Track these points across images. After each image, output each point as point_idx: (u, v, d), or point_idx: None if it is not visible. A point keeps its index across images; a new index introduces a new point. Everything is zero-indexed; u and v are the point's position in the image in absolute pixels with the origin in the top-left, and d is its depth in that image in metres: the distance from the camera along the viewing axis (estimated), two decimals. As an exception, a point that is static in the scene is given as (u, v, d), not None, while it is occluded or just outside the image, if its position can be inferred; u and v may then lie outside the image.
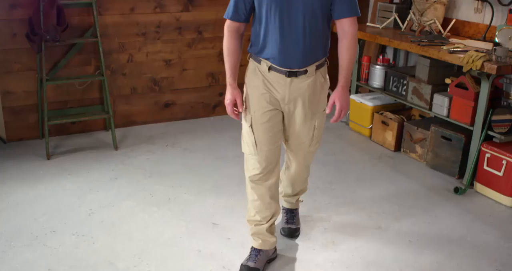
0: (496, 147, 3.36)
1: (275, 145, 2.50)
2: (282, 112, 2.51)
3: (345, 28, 2.35)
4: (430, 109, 3.83)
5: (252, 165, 2.53)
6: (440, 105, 3.73)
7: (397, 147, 4.10)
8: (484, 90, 3.39)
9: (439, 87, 3.79)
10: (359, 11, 2.37)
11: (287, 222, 2.95)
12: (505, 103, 3.42)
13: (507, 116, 3.34)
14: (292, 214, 2.97)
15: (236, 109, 2.44)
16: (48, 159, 3.84)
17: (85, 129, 4.34)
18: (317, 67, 2.42)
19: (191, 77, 4.55)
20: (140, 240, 2.89)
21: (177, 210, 3.19)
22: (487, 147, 3.40)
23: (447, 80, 3.68)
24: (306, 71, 2.38)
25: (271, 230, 2.64)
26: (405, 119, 4.11)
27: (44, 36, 3.66)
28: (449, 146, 3.66)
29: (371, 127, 4.30)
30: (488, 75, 3.34)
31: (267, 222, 2.61)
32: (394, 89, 4.16)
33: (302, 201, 3.04)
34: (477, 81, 3.51)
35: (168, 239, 2.90)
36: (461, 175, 3.64)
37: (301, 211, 3.09)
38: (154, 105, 4.53)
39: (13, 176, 3.58)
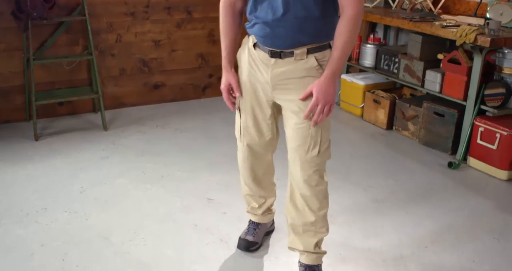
0: (489, 120, 3.36)
1: (260, 138, 2.26)
2: (277, 104, 2.20)
3: (344, 9, 1.92)
4: (422, 86, 3.83)
5: (238, 151, 2.40)
6: (433, 81, 3.72)
7: (389, 125, 4.09)
8: (477, 64, 3.39)
9: (431, 64, 3.79)
10: None
11: None
12: (497, 77, 3.42)
13: (500, 90, 3.34)
14: None
15: (233, 96, 2.21)
16: (36, 140, 3.76)
17: (73, 111, 4.27)
18: (310, 51, 2.01)
19: (181, 58, 4.49)
20: (135, 216, 2.84)
21: (171, 187, 3.15)
22: (480, 120, 3.40)
23: (440, 56, 3.67)
24: (292, 54, 2.02)
25: (266, 210, 2.57)
26: (397, 98, 4.10)
27: (31, 13, 3.58)
28: (442, 121, 3.66)
29: (362, 107, 4.28)
30: (481, 49, 3.34)
31: (260, 207, 2.54)
32: (386, 67, 4.15)
33: (325, 253, 2.33)
34: (470, 57, 3.51)
35: (163, 215, 2.86)
36: (454, 151, 3.64)
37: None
38: (144, 86, 4.46)
39: (1, 157, 3.50)
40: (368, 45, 4.29)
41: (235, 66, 2.24)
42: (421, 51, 3.79)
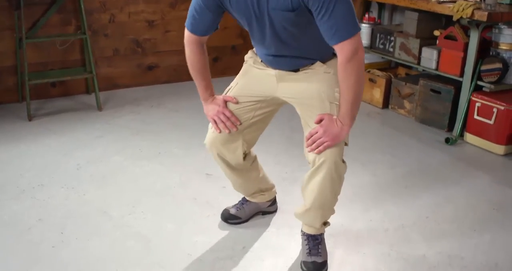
0: (486, 95, 3.37)
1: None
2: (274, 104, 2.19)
3: (338, 56, 1.87)
4: (419, 63, 3.82)
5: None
6: (429, 58, 3.72)
7: (385, 104, 4.08)
8: (474, 39, 3.39)
9: (427, 41, 3.78)
10: (349, 31, 1.80)
11: (309, 253, 2.20)
12: (493, 53, 3.42)
13: (497, 65, 3.34)
14: (316, 242, 2.23)
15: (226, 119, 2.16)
16: (30, 120, 3.71)
17: (66, 92, 4.21)
18: (314, 63, 2.07)
19: (174, 39, 4.44)
20: (133, 191, 2.81)
21: (168, 163, 3.12)
22: (477, 96, 3.40)
23: (436, 32, 3.67)
24: (298, 69, 2.07)
25: (255, 192, 2.49)
26: (393, 76, 4.10)
27: (23, -10, 3.52)
28: (438, 98, 3.66)
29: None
30: (478, 24, 3.34)
31: (249, 195, 2.51)
32: (381, 46, 4.14)
33: (329, 225, 2.28)
34: (466, 33, 3.51)
35: (161, 189, 2.83)
36: (450, 128, 3.64)
37: (296, 165, 3.03)
38: (137, 68, 4.41)
39: (-6, 137, 3.46)
40: (363, 25, 4.26)
41: None
42: (417, 28, 3.78)
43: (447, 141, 3.46)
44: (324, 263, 2.18)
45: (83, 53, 4.14)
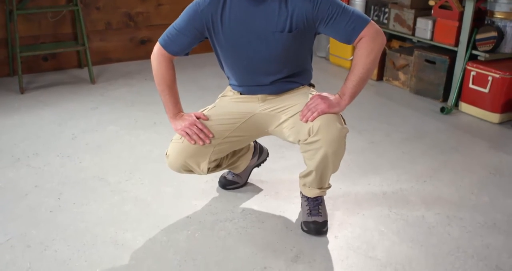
0: (481, 64, 3.37)
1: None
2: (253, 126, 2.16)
3: (361, 42, 1.95)
4: (413, 34, 3.81)
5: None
6: (424, 28, 3.71)
7: (380, 76, 4.08)
8: (469, 8, 3.39)
9: (422, 12, 3.77)
10: (365, 19, 1.93)
11: (310, 214, 2.18)
12: (489, 21, 3.42)
13: (492, 34, 3.34)
14: (316, 203, 2.21)
15: (199, 129, 2.05)
16: (22, 93, 3.67)
17: (58, 67, 4.16)
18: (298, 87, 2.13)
19: (167, 12, 4.39)
20: (129, 159, 2.80)
21: (164, 132, 3.09)
22: (472, 65, 3.40)
23: (431, 2, 3.66)
24: (282, 93, 2.11)
25: (234, 161, 2.41)
26: (387, 48, 4.09)
27: (13, -41, 3.46)
28: (433, 69, 3.66)
29: (352, 59, 4.25)
30: (473, -7, 3.34)
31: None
32: (375, 18, 4.12)
33: (330, 187, 2.23)
34: (461, 2, 3.51)
35: (158, 156, 2.80)
36: (445, 98, 3.65)
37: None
38: (130, 42, 4.37)
39: (-14, 109, 3.41)
40: (357, -3, 4.26)
41: None
42: (412, -2, 3.77)
43: (442, 110, 3.47)
44: (325, 223, 2.18)
45: (74, 27, 4.09)
